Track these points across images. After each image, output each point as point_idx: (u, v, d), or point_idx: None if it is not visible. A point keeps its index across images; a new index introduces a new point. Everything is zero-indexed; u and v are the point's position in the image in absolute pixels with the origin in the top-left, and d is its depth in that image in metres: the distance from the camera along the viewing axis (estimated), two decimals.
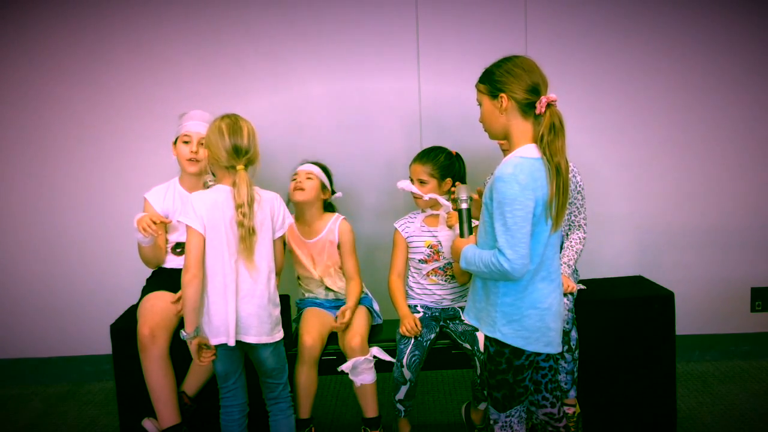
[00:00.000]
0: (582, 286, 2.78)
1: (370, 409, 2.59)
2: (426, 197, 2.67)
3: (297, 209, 2.83)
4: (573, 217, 2.72)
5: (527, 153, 1.84)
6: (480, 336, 2.53)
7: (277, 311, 2.26)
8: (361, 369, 2.54)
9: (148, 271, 2.76)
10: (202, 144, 2.68)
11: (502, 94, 1.87)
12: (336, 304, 2.78)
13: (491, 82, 1.90)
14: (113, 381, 2.69)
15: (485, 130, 1.99)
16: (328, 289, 2.82)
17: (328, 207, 2.89)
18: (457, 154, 2.75)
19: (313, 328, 2.62)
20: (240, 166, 2.14)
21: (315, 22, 3.31)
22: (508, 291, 1.88)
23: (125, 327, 2.55)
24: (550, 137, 1.80)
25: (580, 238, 2.71)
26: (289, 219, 2.30)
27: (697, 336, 3.48)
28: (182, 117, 2.74)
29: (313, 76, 3.34)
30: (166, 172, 2.87)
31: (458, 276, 2.71)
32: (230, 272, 2.15)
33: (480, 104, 1.96)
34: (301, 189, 2.76)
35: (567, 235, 2.73)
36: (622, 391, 2.69)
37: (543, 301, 1.88)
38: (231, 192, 2.16)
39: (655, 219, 3.44)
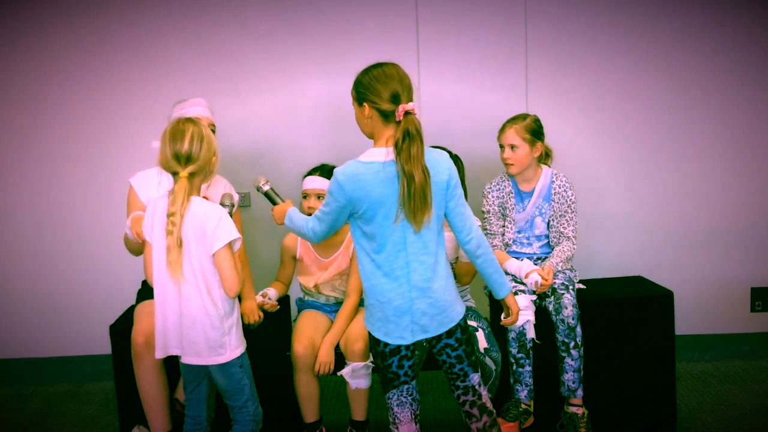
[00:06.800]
0: (582, 286, 2.79)
1: (360, 413, 2.61)
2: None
3: None
4: (562, 229, 2.74)
5: (366, 157, 1.98)
6: (480, 336, 2.52)
7: (219, 332, 2.06)
8: (358, 374, 2.55)
9: None
10: (213, 130, 2.62)
11: (365, 103, 1.99)
12: (336, 308, 2.74)
13: (357, 91, 2.03)
14: (113, 381, 2.69)
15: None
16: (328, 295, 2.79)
17: None
18: (456, 156, 2.74)
19: (304, 335, 2.59)
20: (183, 173, 2.01)
21: (315, 21, 3.31)
22: (364, 278, 2.04)
23: (125, 327, 2.54)
24: (405, 144, 1.91)
25: (570, 247, 2.74)
26: (230, 235, 2.03)
27: (697, 336, 3.48)
28: (182, 104, 2.69)
29: (312, 75, 3.34)
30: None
31: (461, 276, 2.70)
32: (162, 283, 2.07)
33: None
34: None
35: (554, 245, 2.76)
36: (622, 391, 2.69)
37: (384, 295, 2.00)
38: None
39: (655, 219, 3.44)
